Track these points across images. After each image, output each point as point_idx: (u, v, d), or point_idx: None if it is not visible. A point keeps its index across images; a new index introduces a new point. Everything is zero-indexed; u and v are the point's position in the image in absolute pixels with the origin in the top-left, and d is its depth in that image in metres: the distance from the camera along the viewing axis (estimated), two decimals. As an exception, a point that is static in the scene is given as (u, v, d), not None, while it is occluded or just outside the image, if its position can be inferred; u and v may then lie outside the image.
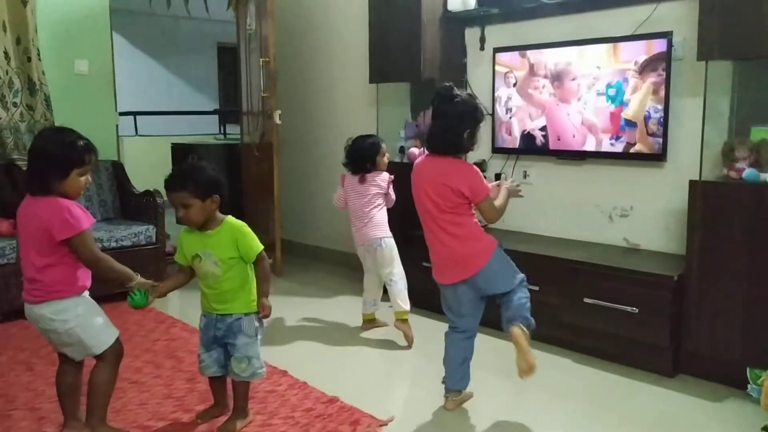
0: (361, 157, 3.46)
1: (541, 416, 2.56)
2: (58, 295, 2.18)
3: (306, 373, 2.92)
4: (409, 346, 3.32)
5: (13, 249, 3.71)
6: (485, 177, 2.52)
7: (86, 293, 2.29)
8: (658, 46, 3.11)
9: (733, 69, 2.93)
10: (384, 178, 3.49)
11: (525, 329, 2.44)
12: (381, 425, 2.46)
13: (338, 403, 2.62)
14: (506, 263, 2.51)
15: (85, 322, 2.23)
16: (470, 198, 2.39)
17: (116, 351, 2.31)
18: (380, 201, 3.48)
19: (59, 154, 2.15)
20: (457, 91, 2.40)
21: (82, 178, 2.19)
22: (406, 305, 3.38)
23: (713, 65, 2.86)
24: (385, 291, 3.55)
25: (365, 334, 3.56)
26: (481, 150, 3.53)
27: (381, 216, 3.48)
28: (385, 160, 3.53)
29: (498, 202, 2.48)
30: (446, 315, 2.62)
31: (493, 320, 2.60)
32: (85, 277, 2.25)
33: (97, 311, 2.29)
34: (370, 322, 3.65)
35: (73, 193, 2.20)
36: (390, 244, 3.45)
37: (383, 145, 3.53)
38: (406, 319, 3.37)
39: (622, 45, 3.24)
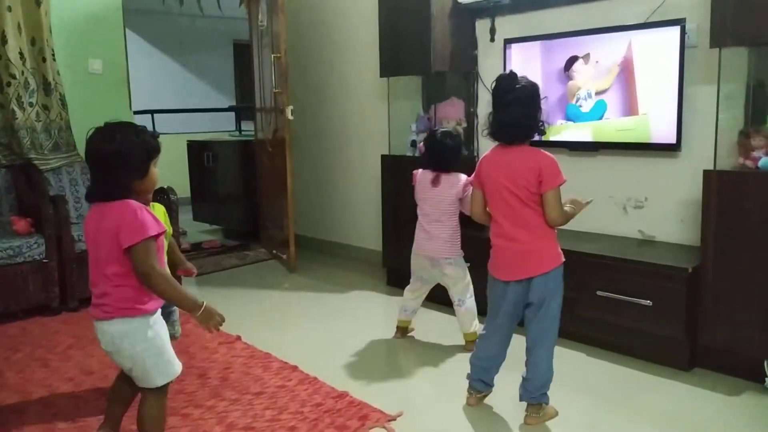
0: (443, 153, 3.11)
1: (553, 411, 2.54)
2: (128, 313, 1.98)
3: (316, 369, 2.92)
4: None
5: (30, 247, 3.76)
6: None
7: (158, 313, 2.08)
8: (671, 33, 3.05)
9: (748, 56, 2.86)
10: (461, 179, 3.11)
11: (538, 413, 2.42)
12: (390, 420, 2.45)
13: (348, 398, 2.62)
14: (559, 294, 2.43)
15: (153, 347, 2.02)
16: (541, 182, 2.29)
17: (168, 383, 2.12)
18: (454, 208, 3.12)
19: (142, 152, 1.99)
20: (518, 78, 2.36)
21: (156, 168, 2.06)
22: (473, 327, 3.16)
23: (727, 52, 2.80)
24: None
25: (376, 333, 3.55)
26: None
27: (453, 228, 3.12)
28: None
29: (567, 208, 2.38)
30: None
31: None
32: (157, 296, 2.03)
33: (168, 339, 2.10)
34: (404, 330, 3.40)
35: (152, 186, 2.08)
36: (461, 263, 3.16)
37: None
38: (474, 341, 3.11)
39: (635, 33, 3.19)
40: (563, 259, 2.42)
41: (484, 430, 2.42)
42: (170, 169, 6.78)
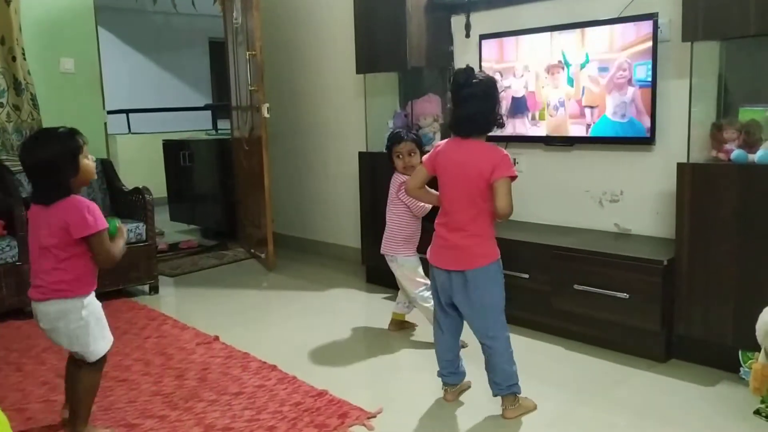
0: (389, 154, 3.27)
1: (532, 404, 2.55)
2: (63, 294, 2.19)
3: (295, 368, 2.90)
4: None
5: (2, 250, 3.69)
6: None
7: (92, 295, 2.29)
8: (645, 28, 3.07)
9: (720, 49, 2.89)
10: (395, 181, 3.23)
11: (514, 405, 2.43)
12: (369, 417, 2.44)
13: (327, 396, 2.60)
14: (499, 287, 2.43)
15: (87, 326, 2.23)
16: (491, 174, 2.29)
17: (104, 356, 2.33)
18: (398, 208, 3.20)
19: (65, 155, 2.18)
20: (475, 72, 2.37)
21: (87, 159, 2.25)
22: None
23: (699, 46, 2.82)
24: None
25: (355, 330, 3.54)
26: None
27: (398, 226, 3.22)
28: (397, 159, 3.24)
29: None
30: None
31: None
32: (92, 279, 2.27)
33: (101, 317, 2.30)
34: (398, 324, 3.43)
35: (89, 175, 2.27)
36: (404, 262, 3.20)
37: (399, 143, 3.23)
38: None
39: (608, 28, 3.21)
40: (498, 257, 2.43)
41: (463, 426, 2.42)
42: (146, 169, 6.82)
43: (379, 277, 4.27)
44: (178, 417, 2.50)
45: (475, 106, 2.34)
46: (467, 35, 3.95)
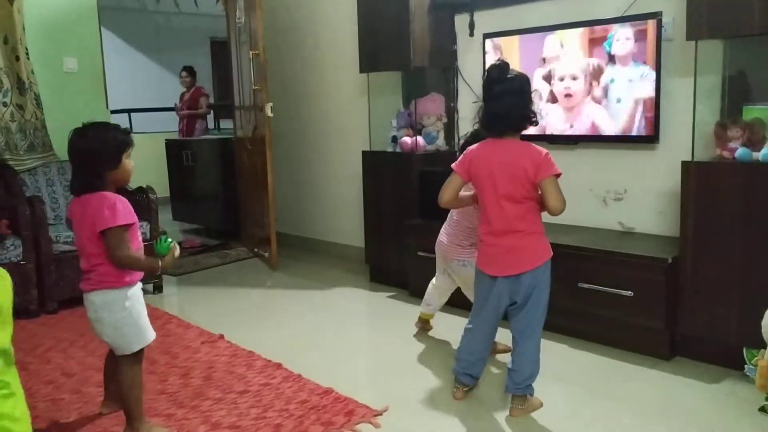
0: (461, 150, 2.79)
1: (537, 402, 2.55)
2: (108, 285, 2.24)
3: (301, 366, 2.90)
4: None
5: (6, 249, 3.70)
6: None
7: (138, 286, 2.33)
8: (648, 27, 3.08)
9: (724, 48, 2.90)
10: None
11: (523, 405, 2.43)
12: (376, 415, 2.45)
13: (333, 394, 2.61)
14: (549, 285, 2.43)
15: (130, 316, 2.27)
16: (537, 173, 2.27)
17: (141, 350, 2.33)
18: (470, 208, 2.85)
19: (111, 144, 2.23)
20: (510, 68, 2.35)
21: (130, 160, 2.30)
22: None
23: (703, 45, 2.83)
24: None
25: (360, 329, 3.55)
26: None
27: (463, 227, 2.96)
28: None
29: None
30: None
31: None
32: (135, 271, 2.31)
33: (143, 309, 2.33)
34: (425, 323, 3.34)
35: (127, 176, 2.30)
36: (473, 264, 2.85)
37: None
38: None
39: (612, 27, 3.21)
40: (551, 254, 2.42)
41: (470, 423, 2.43)
42: (149, 168, 6.80)
43: (383, 276, 4.28)
44: (185, 415, 2.51)
45: (509, 102, 2.31)
46: (471, 34, 3.96)
